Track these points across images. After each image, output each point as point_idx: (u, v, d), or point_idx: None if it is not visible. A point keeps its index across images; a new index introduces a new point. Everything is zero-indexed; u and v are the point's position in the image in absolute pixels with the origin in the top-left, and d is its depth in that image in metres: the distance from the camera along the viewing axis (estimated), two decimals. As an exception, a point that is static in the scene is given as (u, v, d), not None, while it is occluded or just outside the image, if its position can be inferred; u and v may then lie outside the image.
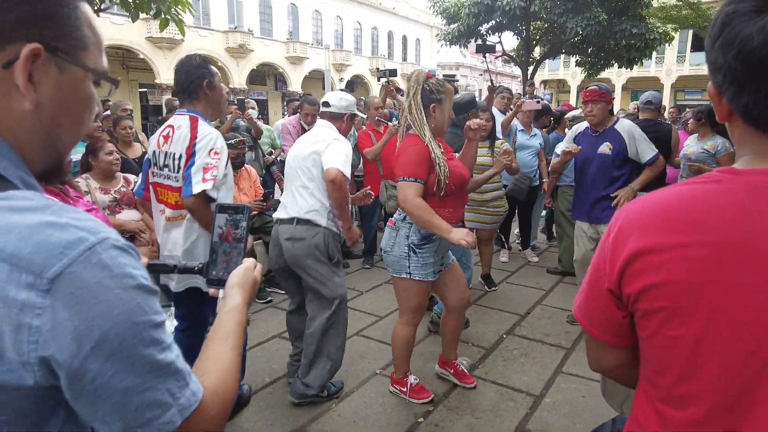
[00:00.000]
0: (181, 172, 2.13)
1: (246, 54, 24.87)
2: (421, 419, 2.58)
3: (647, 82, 31.22)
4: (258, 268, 0.98)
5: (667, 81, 31.95)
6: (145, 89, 23.34)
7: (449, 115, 2.51)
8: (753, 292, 0.63)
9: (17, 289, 0.49)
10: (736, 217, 0.65)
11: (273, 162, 5.34)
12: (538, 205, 5.49)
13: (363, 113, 5.80)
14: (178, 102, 2.31)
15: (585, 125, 3.51)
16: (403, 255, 2.47)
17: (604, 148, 3.33)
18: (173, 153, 2.18)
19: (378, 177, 4.70)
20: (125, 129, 4.02)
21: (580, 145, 3.47)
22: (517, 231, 5.67)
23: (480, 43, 6.02)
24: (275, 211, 4.68)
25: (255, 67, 26.02)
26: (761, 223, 0.63)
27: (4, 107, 0.57)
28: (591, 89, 3.35)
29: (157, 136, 2.30)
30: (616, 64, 18.50)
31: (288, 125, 5.00)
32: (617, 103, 26.87)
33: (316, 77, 27.63)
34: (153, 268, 0.96)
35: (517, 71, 21.80)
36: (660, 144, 3.60)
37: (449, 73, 38.36)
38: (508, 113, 5.08)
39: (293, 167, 2.72)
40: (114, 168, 3.38)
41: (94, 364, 0.52)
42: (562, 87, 37.56)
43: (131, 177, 3.49)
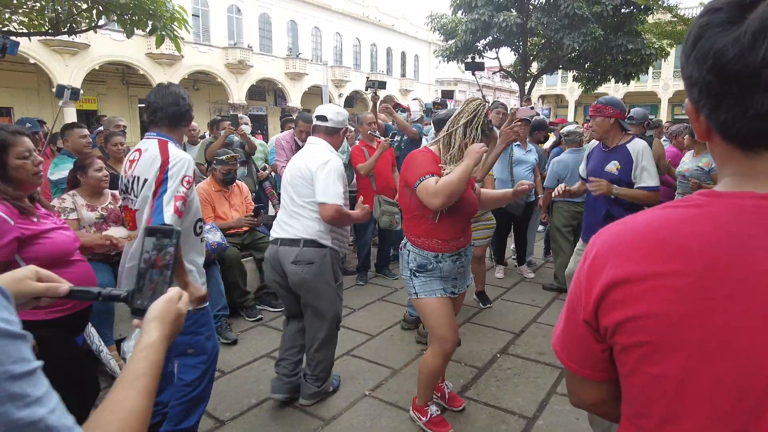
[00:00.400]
0: (150, 199, 2.04)
1: (245, 70, 25.05)
2: (411, 443, 2.50)
3: (645, 96, 31.42)
4: (184, 298, 0.90)
5: (665, 96, 32.14)
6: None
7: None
8: (746, 320, 0.57)
9: None
10: (721, 242, 0.59)
11: (266, 177, 5.30)
12: (534, 221, 5.44)
13: (354, 128, 5.86)
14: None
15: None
16: (408, 277, 2.47)
17: (611, 166, 3.18)
18: (136, 176, 2.11)
19: (371, 192, 4.66)
20: (116, 145, 3.99)
21: (591, 161, 3.36)
22: (513, 246, 5.62)
23: (469, 61, 6.02)
24: (268, 227, 4.66)
25: (254, 83, 26.19)
26: (751, 246, 0.58)
27: None
28: (592, 104, 3.32)
29: (126, 160, 2.25)
30: (613, 79, 18.63)
31: (282, 141, 4.97)
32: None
33: (315, 93, 27.77)
34: (75, 295, 0.90)
35: (516, 86, 21.93)
36: None
37: (448, 89, 38.66)
38: (502, 127, 5.05)
39: (291, 186, 2.70)
40: (103, 185, 3.33)
41: None
42: (560, 102, 37.79)
43: (119, 194, 3.45)
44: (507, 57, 20.54)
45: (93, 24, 6.83)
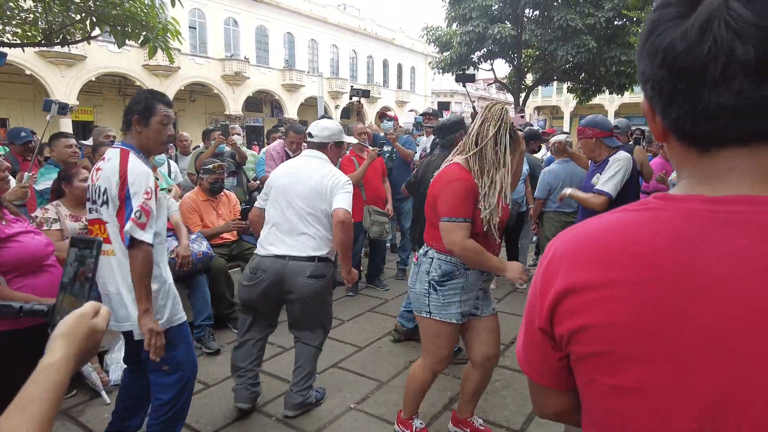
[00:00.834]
0: (113, 213, 2.01)
1: (242, 81, 25.16)
2: (395, 457, 2.45)
3: (639, 108, 31.65)
4: (102, 312, 0.82)
5: (659, 107, 32.37)
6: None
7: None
8: (701, 329, 0.54)
9: None
10: (671, 247, 0.57)
11: (257, 188, 5.28)
12: (526, 231, 5.42)
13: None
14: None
15: None
16: (424, 291, 2.29)
17: (595, 179, 3.30)
18: (99, 186, 2.07)
19: (361, 202, 4.64)
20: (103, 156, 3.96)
21: (585, 178, 3.50)
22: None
23: (460, 73, 6.09)
24: (253, 236, 4.63)
25: (251, 94, 26.29)
26: (700, 251, 0.55)
27: None
28: (578, 127, 3.43)
29: (93, 169, 2.21)
30: (607, 90, 18.77)
31: (272, 151, 4.96)
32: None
33: (312, 104, 27.89)
34: None
35: (511, 98, 22.07)
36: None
37: (444, 101, 38.84)
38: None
39: (301, 199, 2.69)
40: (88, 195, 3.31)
41: None
42: (555, 113, 38.03)
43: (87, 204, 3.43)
44: (502, 68, 20.69)
45: (86, 35, 6.84)
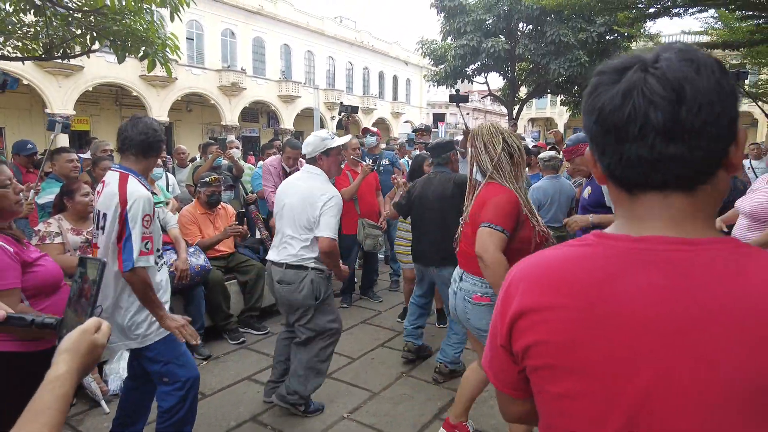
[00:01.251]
0: (114, 242, 2.06)
1: (239, 92, 25.31)
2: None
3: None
4: (104, 328, 0.88)
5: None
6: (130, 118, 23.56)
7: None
8: (616, 356, 0.66)
9: None
10: (599, 280, 0.68)
11: (254, 201, 5.38)
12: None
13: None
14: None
15: None
16: (486, 307, 2.29)
17: (585, 192, 3.48)
18: (99, 211, 2.13)
19: (355, 216, 4.75)
20: (104, 170, 4.04)
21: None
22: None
23: (453, 93, 6.27)
24: (253, 251, 4.72)
25: (248, 105, 26.43)
26: (620, 290, 0.67)
27: None
28: (564, 149, 3.59)
29: (95, 193, 2.27)
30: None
31: (269, 166, 5.06)
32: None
33: (308, 115, 28.04)
34: (11, 321, 0.92)
35: (505, 110, 22.32)
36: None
37: (439, 112, 39.12)
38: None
39: (286, 214, 2.86)
40: (89, 209, 3.38)
41: None
42: (549, 125, 38.37)
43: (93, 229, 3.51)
44: (496, 81, 20.98)
45: (86, 49, 6.95)
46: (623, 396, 0.65)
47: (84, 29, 6.57)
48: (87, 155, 5.69)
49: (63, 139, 17.40)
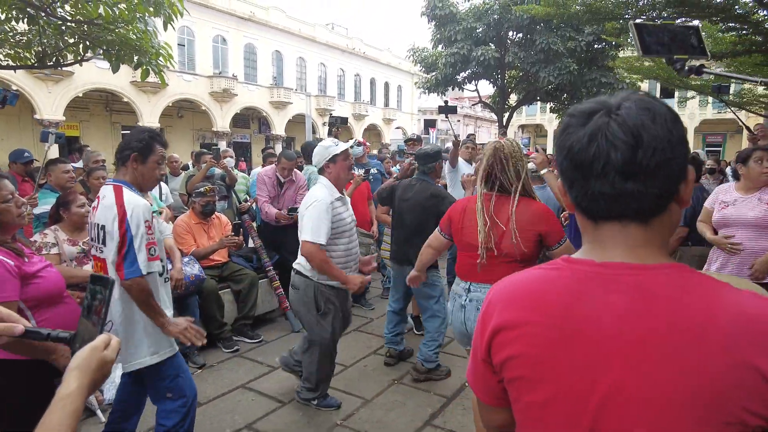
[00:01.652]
0: (115, 252, 2.07)
1: (230, 98, 25.33)
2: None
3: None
4: (113, 344, 0.91)
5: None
6: (128, 131, 23.42)
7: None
8: (579, 368, 0.74)
9: None
10: (566, 302, 0.77)
11: (247, 210, 5.43)
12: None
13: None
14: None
15: None
16: None
17: None
18: (97, 223, 2.14)
19: (348, 225, 4.82)
20: (98, 179, 4.09)
21: None
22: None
23: (441, 105, 6.38)
24: (247, 260, 4.77)
25: (239, 111, 26.44)
26: (585, 308, 0.76)
27: None
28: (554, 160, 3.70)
29: (91, 207, 2.28)
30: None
31: (264, 176, 5.11)
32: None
33: (299, 121, 28.13)
34: (28, 334, 0.94)
35: (495, 117, 22.52)
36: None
37: (430, 118, 39.36)
38: (474, 163, 5.30)
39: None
40: (85, 220, 3.42)
41: None
42: (539, 131, 38.74)
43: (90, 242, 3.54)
44: (486, 89, 21.18)
45: (79, 57, 6.98)
46: (586, 405, 0.74)
47: (77, 38, 6.60)
48: (79, 164, 5.72)
49: (53, 148, 17.31)
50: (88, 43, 6.56)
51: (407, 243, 3.58)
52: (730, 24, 9.79)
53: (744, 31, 9.90)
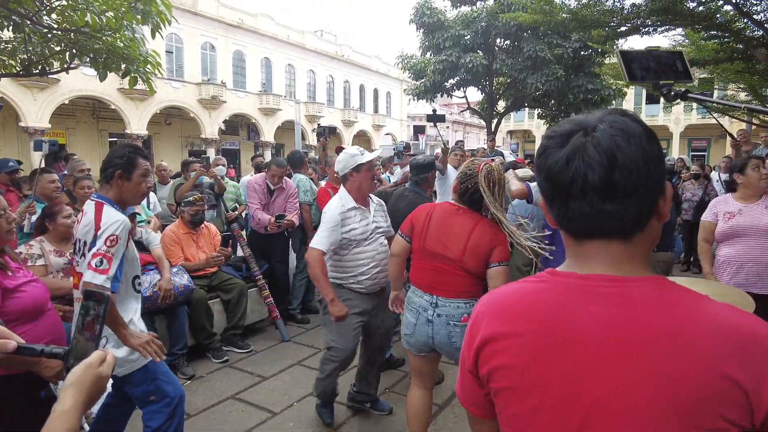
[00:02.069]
0: (86, 260, 2.05)
1: (218, 105, 25.24)
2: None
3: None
4: (108, 360, 0.91)
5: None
6: (115, 138, 23.31)
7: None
8: (567, 376, 0.75)
9: None
10: (552, 312, 0.79)
11: (234, 219, 5.40)
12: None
13: (315, 167, 6.20)
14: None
15: None
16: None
17: None
18: (78, 240, 2.14)
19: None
20: (83, 189, 4.05)
21: None
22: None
23: (430, 114, 6.42)
24: (236, 269, 4.74)
25: (228, 118, 26.34)
26: (569, 319, 0.77)
27: None
28: None
29: (75, 222, 2.27)
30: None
31: (254, 183, 5.10)
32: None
33: (288, 128, 28.09)
34: (21, 351, 0.95)
35: (483, 123, 22.66)
36: None
37: (420, 125, 39.54)
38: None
39: None
40: (71, 231, 3.39)
41: None
42: (527, 137, 39.06)
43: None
44: (474, 95, 21.35)
45: (66, 65, 6.92)
46: (573, 413, 0.75)
47: (63, 46, 6.55)
48: (66, 171, 5.66)
49: (38, 156, 17.10)
50: (74, 51, 6.51)
51: None
52: (712, 32, 9.98)
53: (726, 39, 10.09)
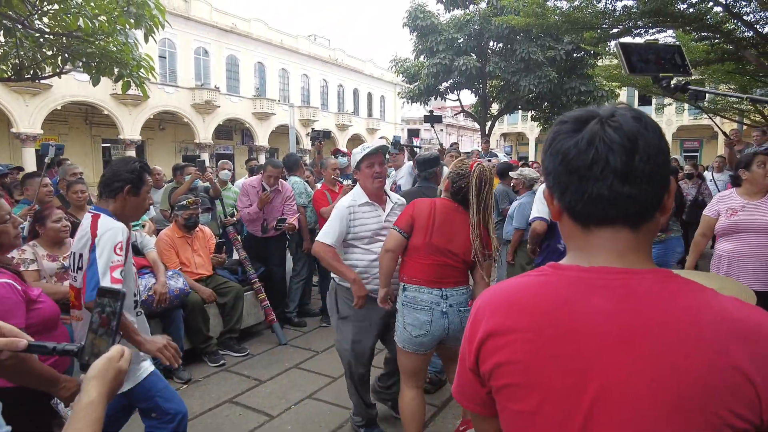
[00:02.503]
0: (82, 272, 2.01)
1: (212, 110, 25.18)
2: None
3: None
4: (126, 355, 0.94)
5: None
6: (108, 144, 23.21)
7: None
8: (571, 368, 0.74)
9: None
10: (556, 305, 0.78)
11: (231, 223, 5.37)
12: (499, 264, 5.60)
13: (311, 170, 6.18)
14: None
15: None
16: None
17: None
18: (74, 252, 2.10)
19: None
20: (77, 193, 4.00)
21: None
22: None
23: (427, 114, 6.42)
24: (232, 272, 4.71)
25: (221, 123, 26.27)
26: (572, 312, 0.76)
27: None
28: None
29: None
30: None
31: (249, 185, 5.08)
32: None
33: (282, 132, 28.06)
34: (32, 349, 0.96)
35: (477, 126, 22.74)
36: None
37: (414, 128, 39.62)
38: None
39: None
40: (62, 235, 3.33)
41: None
42: (521, 140, 39.19)
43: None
44: (468, 98, 21.39)
45: (58, 70, 6.87)
46: (578, 407, 0.73)
47: (56, 50, 6.51)
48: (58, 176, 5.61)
49: (31, 162, 16.98)
50: (67, 56, 6.47)
51: None
52: (702, 33, 10.07)
53: (716, 40, 10.18)
